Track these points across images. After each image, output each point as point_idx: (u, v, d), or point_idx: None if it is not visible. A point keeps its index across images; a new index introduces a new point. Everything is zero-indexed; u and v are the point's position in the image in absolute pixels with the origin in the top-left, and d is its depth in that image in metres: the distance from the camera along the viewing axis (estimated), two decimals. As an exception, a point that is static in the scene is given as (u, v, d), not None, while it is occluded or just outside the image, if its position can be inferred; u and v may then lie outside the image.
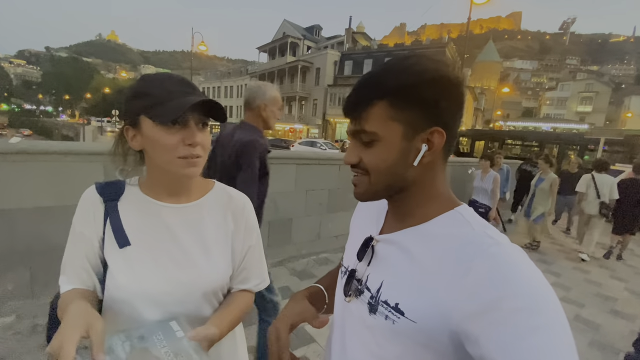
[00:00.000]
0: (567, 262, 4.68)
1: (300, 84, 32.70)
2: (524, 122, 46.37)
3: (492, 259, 0.44)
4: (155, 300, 0.70)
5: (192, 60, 26.22)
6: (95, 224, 0.73)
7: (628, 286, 4.00)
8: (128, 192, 0.76)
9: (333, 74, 31.86)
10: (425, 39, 40.27)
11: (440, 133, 0.50)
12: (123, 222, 0.73)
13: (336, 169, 4.12)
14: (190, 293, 0.74)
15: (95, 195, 0.74)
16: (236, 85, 45.90)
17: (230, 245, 0.81)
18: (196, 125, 0.69)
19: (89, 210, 0.74)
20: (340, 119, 29.83)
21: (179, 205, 0.77)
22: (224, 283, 0.80)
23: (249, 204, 0.87)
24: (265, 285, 0.90)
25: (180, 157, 0.68)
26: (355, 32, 39.36)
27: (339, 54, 32.37)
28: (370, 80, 0.52)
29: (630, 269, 4.65)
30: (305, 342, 2.30)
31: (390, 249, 0.57)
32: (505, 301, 0.40)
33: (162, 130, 0.66)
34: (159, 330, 0.64)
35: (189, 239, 0.76)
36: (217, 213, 0.81)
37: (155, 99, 0.66)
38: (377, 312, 0.53)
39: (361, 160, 0.54)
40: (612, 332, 2.90)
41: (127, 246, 0.71)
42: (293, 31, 37.64)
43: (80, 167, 2.41)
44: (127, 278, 0.70)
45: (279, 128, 36.71)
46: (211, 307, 0.78)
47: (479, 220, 0.52)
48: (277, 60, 36.62)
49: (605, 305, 3.42)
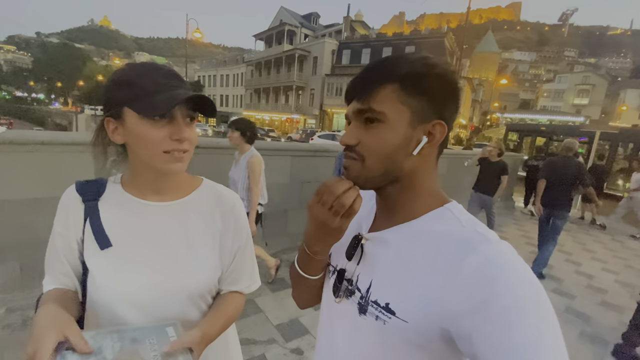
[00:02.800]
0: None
1: (298, 73, 32.30)
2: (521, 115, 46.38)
3: (482, 256, 0.44)
4: (137, 303, 0.68)
5: (187, 48, 25.75)
6: (75, 226, 0.70)
7: (619, 278, 4.06)
8: (109, 191, 0.73)
9: (331, 63, 31.49)
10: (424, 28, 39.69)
11: (443, 126, 0.51)
12: (104, 222, 0.70)
13: (332, 161, 4.09)
14: (175, 295, 0.71)
15: (75, 194, 0.71)
16: (232, 74, 45.26)
17: (219, 245, 0.77)
18: (183, 120, 0.66)
19: (67, 211, 0.71)
20: (337, 109, 29.63)
21: (163, 204, 0.73)
22: (212, 285, 0.76)
23: (239, 202, 0.83)
24: (256, 286, 0.87)
25: (165, 151, 0.65)
26: (354, 21, 38.75)
27: (337, 43, 31.96)
28: (382, 64, 0.52)
29: (621, 261, 4.72)
30: (300, 333, 2.31)
31: (380, 248, 0.56)
32: (497, 299, 0.41)
33: (148, 124, 0.62)
34: (153, 335, 0.62)
35: (175, 239, 0.73)
36: (204, 212, 0.77)
37: (142, 90, 0.62)
38: (367, 312, 0.53)
39: (359, 142, 0.52)
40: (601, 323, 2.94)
41: (109, 247, 0.68)
42: (290, 19, 36.95)
43: (70, 158, 2.36)
44: (108, 280, 0.68)
45: (276, 118, 36.43)
46: (198, 310, 0.75)
47: (468, 217, 0.52)
48: (274, 49, 36.03)
49: (593, 297, 3.47)
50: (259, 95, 39.21)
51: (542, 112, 48.72)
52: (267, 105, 37.42)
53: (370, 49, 29.78)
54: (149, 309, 0.69)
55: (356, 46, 31.05)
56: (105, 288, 0.68)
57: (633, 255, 5.08)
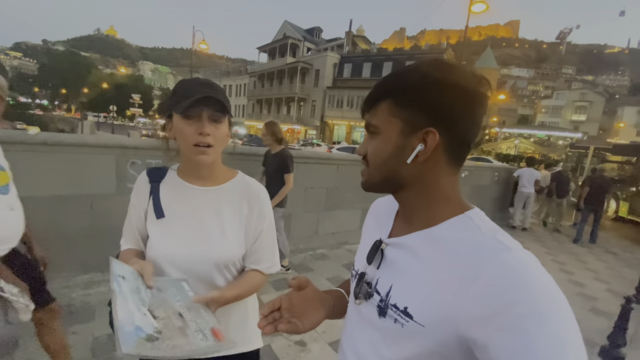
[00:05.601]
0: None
1: (300, 85, 32.87)
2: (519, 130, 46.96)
3: (502, 264, 0.44)
4: (176, 264, 0.87)
5: (192, 58, 26.30)
6: (143, 200, 0.93)
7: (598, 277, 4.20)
8: (168, 176, 0.95)
9: (332, 76, 32.07)
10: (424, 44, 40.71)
11: (433, 133, 0.51)
12: (162, 198, 0.90)
13: (334, 169, 4.28)
14: (205, 262, 0.89)
15: (145, 177, 0.94)
16: (235, 85, 46.05)
17: (244, 227, 0.94)
18: (208, 119, 0.83)
19: (139, 188, 0.94)
20: (338, 120, 30.05)
21: (204, 188, 0.93)
22: (235, 259, 0.92)
23: (264, 192, 1.00)
24: (276, 269, 1.01)
25: (194, 144, 0.82)
26: (356, 36, 39.66)
27: (339, 57, 32.61)
28: (383, 81, 0.56)
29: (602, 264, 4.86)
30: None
31: (400, 253, 0.58)
32: (514, 307, 0.40)
33: (183, 122, 0.81)
34: (172, 287, 0.77)
35: (209, 217, 0.91)
36: (234, 198, 0.95)
37: (181, 96, 0.81)
38: (387, 315, 0.54)
39: (367, 152, 0.59)
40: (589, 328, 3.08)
41: (162, 218, 0.89)
42: (293, 32, 37.83)
43: (94, 159, 2.55)
44: (159, 243, 0.88)
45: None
46: (223, 278, 0.92)
47: (489, 224, 0.52)
48: (277, 61, 36.76)
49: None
50: (261, 105, 39.78)
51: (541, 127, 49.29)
52: (268, 115, 37.86)
53: (371, 64, 30.37)
54: (184, 270, 0.86)
55: (357, 60, 31.69)
56: (156, 249, 0.88)
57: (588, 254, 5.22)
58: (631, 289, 3.77)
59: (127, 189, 2.71)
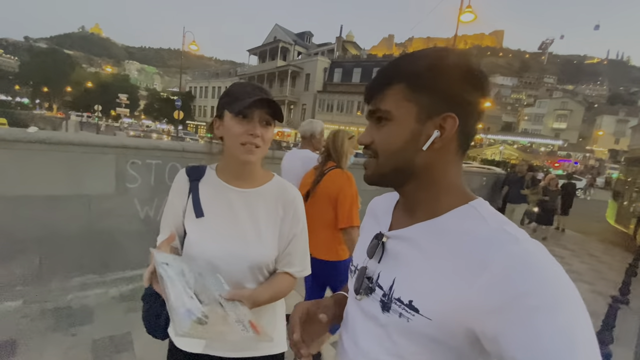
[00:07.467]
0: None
1: (290, 89, 32.93)
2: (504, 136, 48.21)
3: (510, 255, 0.43)
4: (211, 262, 0.87)
5: (182, 59, 26.02)
6: (182, 197, 0.94)
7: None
8: (207, 175, 0.96)
9: (323, 80, 32.25)
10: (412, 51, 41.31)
11: (453, 119, 0.50)
12: (201, 198, 0.91)
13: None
14: (239, 263, 0.89)
15: (184, 175, 0.96)
16: (224, 86, 44.94)
17: (279, 230, 0.95)
18: (259, 121, 0.86)
19: (179, 186, 0.95)
20: (328, 124, 29.96)
21: (242, 190, 0.94)
22: (269, 261, 0.92)
23: (299, 197, 1.01)
24: (307, 273, 1.01)
25: (242, 143, 0.85)
26: (346, 41, 39.99)
27: (329, 61, 32.84)
28: (389, 66, 0.54)
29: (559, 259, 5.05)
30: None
31: (402, 245, 0.56)
32: (525, 299, 0.39)
33: (234, 121, 0.85)
34: (211, 277, 0.78)
35: (246, 219, 0.93)
36: (271, 201, 0.96)
37: (234, 97, 0.85)
38: (391, 310, 0.53)
39: (373, 141, 0.55)
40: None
41: (201, 217, 0.90)
42: (284, 36, 37.87)
43: (92, 158, 2.51)
44: (197, 242, 0.89)
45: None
46: (254, 279, 0.92)
47: (495, 215, 0.51)
48: (267, 64, 36.69)
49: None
50: (251, 108, 39.51)
51: (524, 134, 50.75)
52: (258, 118, 37.68)
53: (361, 69, 30.68)
54: (219, 269, 0.86)
55: (348, 65, 31.96)
56: (194, 246, 0.89)
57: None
58: (614, 290, 3.93)
59: (126, 190, 2.68)
